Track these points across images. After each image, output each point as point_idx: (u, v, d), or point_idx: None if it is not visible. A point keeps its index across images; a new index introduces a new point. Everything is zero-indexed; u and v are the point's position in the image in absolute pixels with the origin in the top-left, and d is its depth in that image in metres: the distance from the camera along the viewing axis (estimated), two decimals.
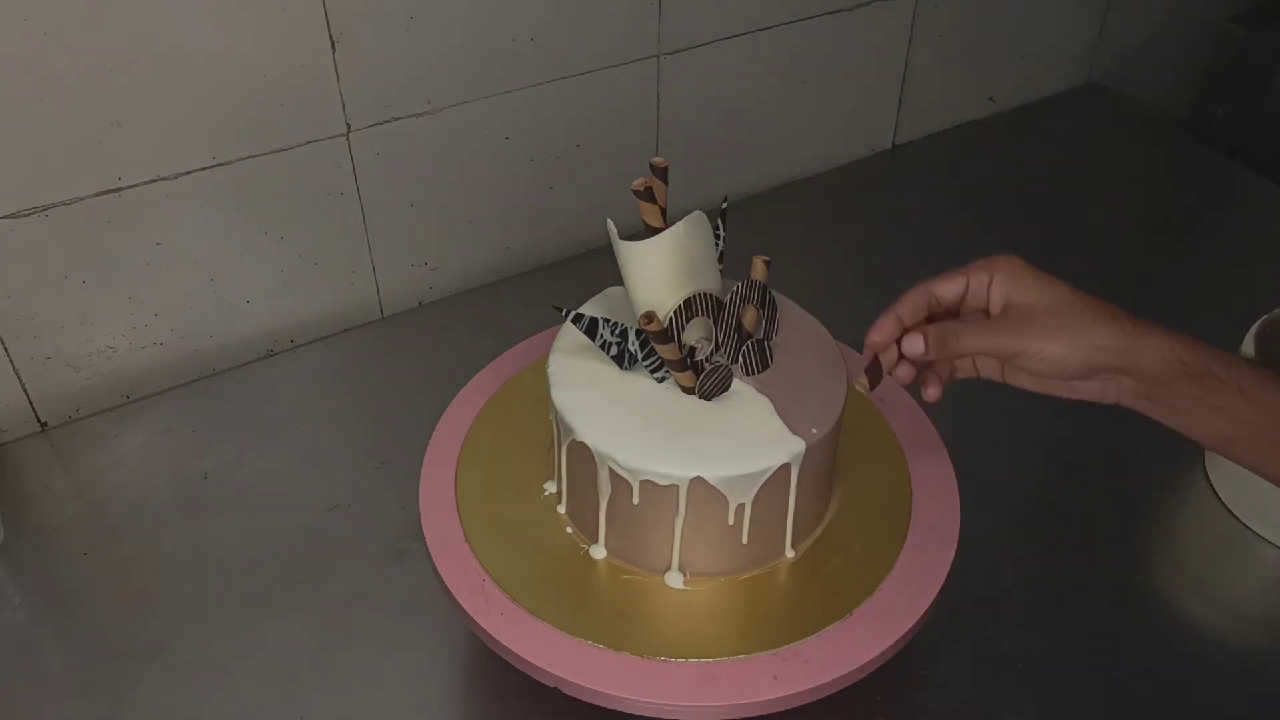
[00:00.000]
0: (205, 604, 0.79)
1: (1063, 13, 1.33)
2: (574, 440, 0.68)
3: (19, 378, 0.91)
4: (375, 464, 0.89)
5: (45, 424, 0.94)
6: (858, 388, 0.65)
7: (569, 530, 0.73)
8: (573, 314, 0.69)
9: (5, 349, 0.89)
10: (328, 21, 0.88)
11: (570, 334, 0.72)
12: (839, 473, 0.76)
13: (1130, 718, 0.74)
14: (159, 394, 0.96)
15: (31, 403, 0.93)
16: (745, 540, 0.69)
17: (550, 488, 0.75)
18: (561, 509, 0.74)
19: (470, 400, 0.81)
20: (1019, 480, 0.90)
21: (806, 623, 0.68)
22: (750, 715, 0.64)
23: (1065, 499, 0.89)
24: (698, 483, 0.66)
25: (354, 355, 1.02)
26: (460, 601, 0.68)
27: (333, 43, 0.89)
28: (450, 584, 0.69)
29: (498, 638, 0.67)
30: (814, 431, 0.68)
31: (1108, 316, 0.61)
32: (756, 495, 0.67)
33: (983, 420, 0.93)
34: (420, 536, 0.72)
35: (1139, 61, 1.45)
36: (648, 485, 0.66)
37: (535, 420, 0.77)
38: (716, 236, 0.73)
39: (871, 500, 0.75)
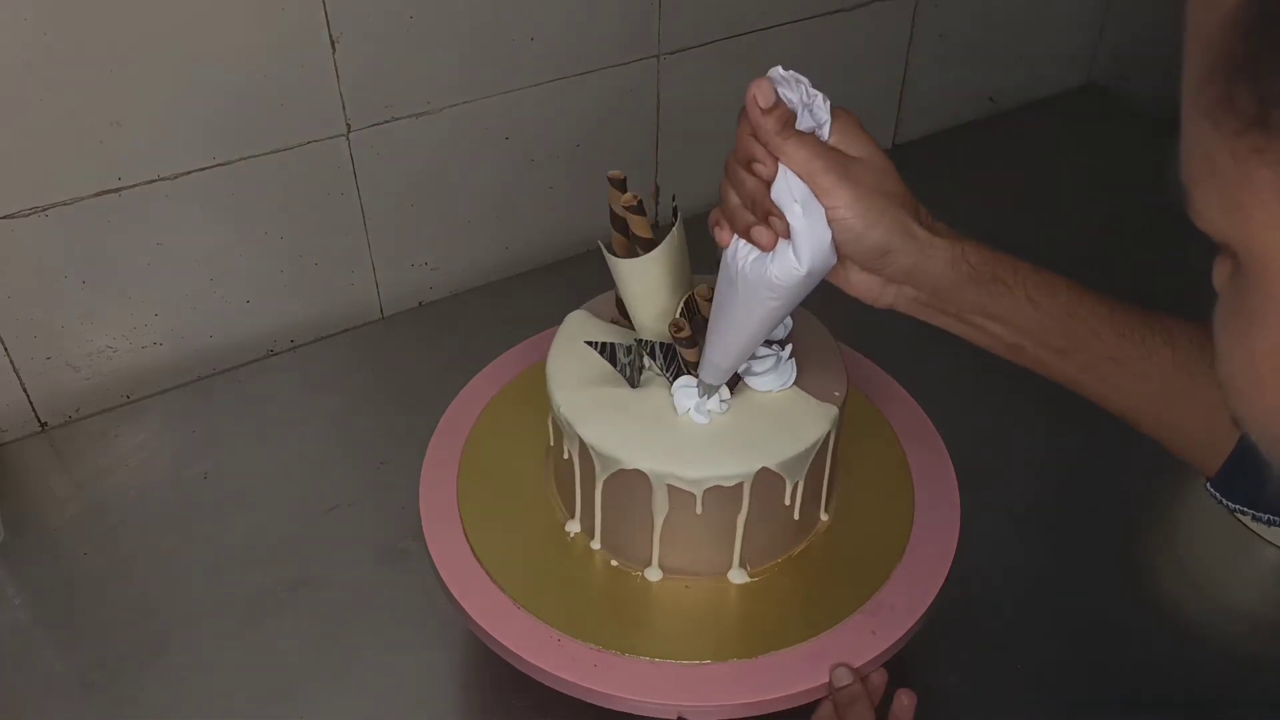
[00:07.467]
0: (205, 604, 0.79)
1: (1063, 13, 1.33)
2: (621, 469, 0.66)
3: (19, 378, 0.91)
4: (375, 464, 0.89)
5: (45, 424, 0.94)
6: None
7: (614, 563, 0.72)
8: (598, 344, 0.68)
9: (5, 349, 0.89)
10: (328, 21, 0.88)
11: (561, 367, 0.71)
12: (838, 476, 0.76)
13: (1130, 716, 0.74)
14: (159, 394, 0.96)
15: (31, 403, 0.93)
16: (797, 516, 0.70)
17: (574, 528, 0.73)
18: (595, 544, 0.72)
19: (470, 400, 0.81)
20: (1019, 480, 0.90)
21: (876, 573, 0.70)
22: (862, 674, 0.66)
23: (1065, 499, 0.89)
24: (763, 474, 0.66)
25: (354, 355, 1.02)
26: (460, 601, 0.68)
27: (333, 43, 0.89)
28: (450, 584, 0.69)
29: (497, 637, 0.67)
30: (836, 394, 0.69)
31: (911, 206, 0.58)
32: (808, 469, 0.68)
33: (983, 420, 0.93)
34: (420, 536, 0.72)
35: (1139, 61, 1.45)
36: (713, 491, 0.66)
37: (536, 420, 0.76)
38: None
39: (872, 500, 0.75)
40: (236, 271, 0.96)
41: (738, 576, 0.70)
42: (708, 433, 0.67)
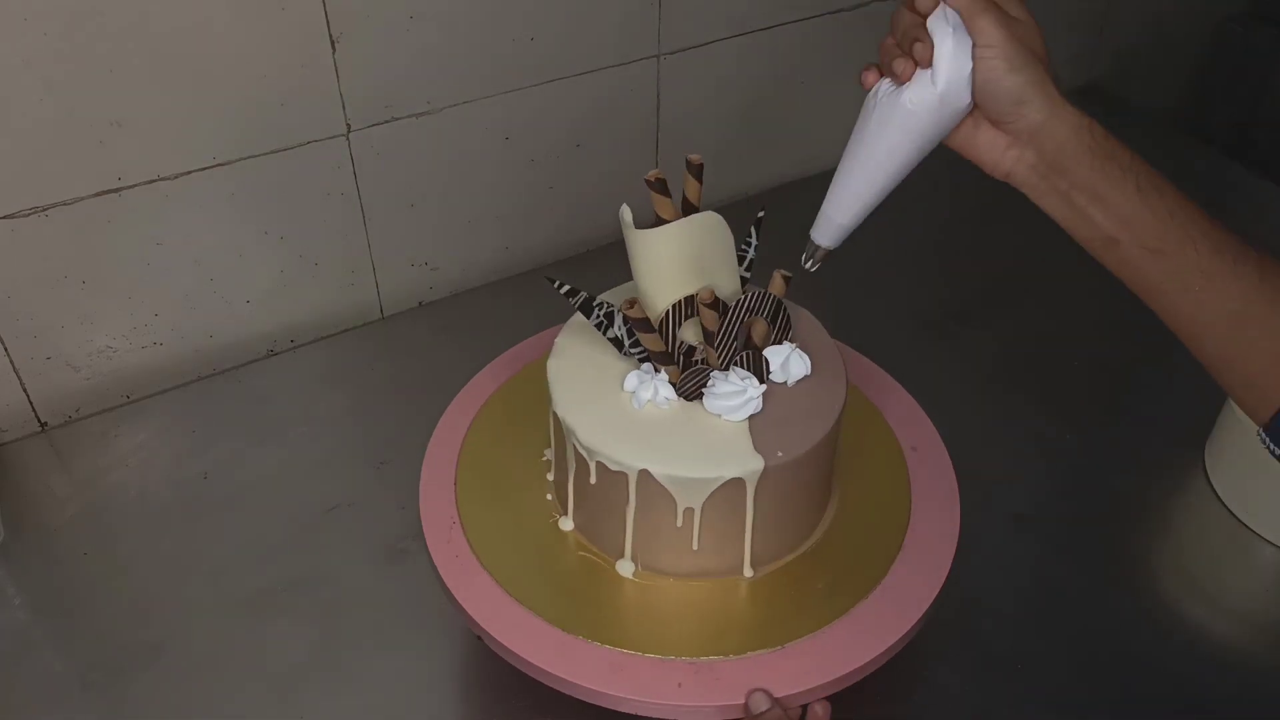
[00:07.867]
0: (205, 604, 0.79)
1: (1063, 13, 1.33)
2: (553, 410, 0.69)
3: (19, 378, 0.91)
4: (375, 464, 0.89)
5: (45, 424, 0.94)
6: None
7: (549, 497, 0.74)
8: (566, 288, 0.68)
9: (5, 349, 0.89)
10: (328, 21, 0.88)
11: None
12: (837, 477, 0.75)
13: (1129, 717, 0.74)
14: (159, 394, 0.96)
15: (31, 403, 0.93)
16: (695, 547, 0.68)
17: (549, 454, 0.76)
18: (550, 476, 0.75)
19: (470, 400, 0.81)
20: (1019, 480, 0.90)
21: (737, 641, 0.67)
22: (653, 716, 0.64)
23: (1065, 499, 0.89)
24: (645, 476, 0.66)
25: (354, 355, 1.02)
26: (460, 601, 0.69)
27: (333, 43, 0.90)
28: (450, 584, 0.69)
29: (497, 636, 0.67)
30: (779, 454, 0.66)
31: (1049, 73, 0.62)
32: (707, 503, 0.66)
33: (983, 420, 0.93)
34: (420, 536, 0.72)
35: (1139, 61, 1.45)
36: (602, 468, 0.67)
37: (535, 420, 0.77)
38: (747, 244, 0.73)
39: (871, 500, 0.75)
40: (236, 271, 0.97)
41: (624, 568, 0.70)
42: (631, 416, 0.68)
